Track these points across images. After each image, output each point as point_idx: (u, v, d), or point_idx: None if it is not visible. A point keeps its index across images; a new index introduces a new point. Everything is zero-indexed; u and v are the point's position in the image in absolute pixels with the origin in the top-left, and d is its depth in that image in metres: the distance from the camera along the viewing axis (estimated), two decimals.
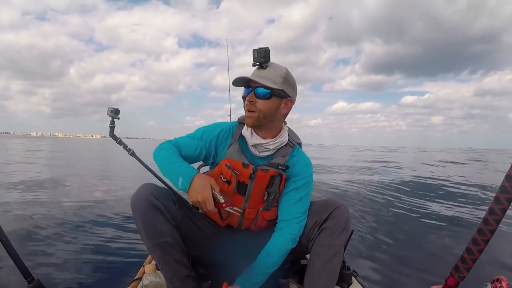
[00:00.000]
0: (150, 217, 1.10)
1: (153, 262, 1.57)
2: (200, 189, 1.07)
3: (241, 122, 1.32)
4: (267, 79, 1.15)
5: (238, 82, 1.20)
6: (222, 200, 1.09)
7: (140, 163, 1.90)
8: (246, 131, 1.26)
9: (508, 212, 0.98)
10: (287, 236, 1.22)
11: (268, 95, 1.16)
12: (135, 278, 1.43)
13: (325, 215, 1.17)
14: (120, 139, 1.75)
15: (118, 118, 1.68)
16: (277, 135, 1.27)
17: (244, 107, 1.23)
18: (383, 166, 10.35)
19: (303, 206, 1.25)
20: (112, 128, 1.72)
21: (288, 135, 1.31)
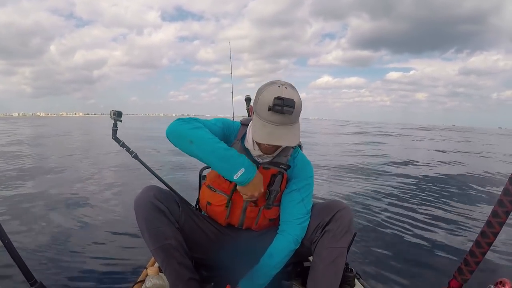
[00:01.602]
0: (153, 219, 1.10)
1: (156, 265, 1.57)
2: (260, 185, 1.11)
3: (244, 124, 1.31)
4: (293, 125, 1.08)
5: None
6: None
7: (143, 165, 1.91)
8: (247, 143, 1.24)
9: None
10: (290, 237, 1.22)
11: None
12: (138, 280, 1.43)
13: (328, 217, 1.16)
14: (123, 142, 1.76)
15: (121, 121, 1.69)
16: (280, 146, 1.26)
17: (254, 135, 1.12)
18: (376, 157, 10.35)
19: (305, 207, 1.25)
20: (114, 130, 1.73)
21: None
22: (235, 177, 1.06)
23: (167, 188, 1.27)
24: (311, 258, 1.31)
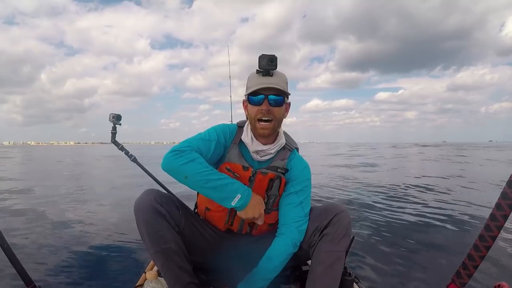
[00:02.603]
0: (154, 223, 1.10)
1: (155, 269, 1.56)
2: (259, 206, 1.13)
3: (240, 126, 1.32)
4: (279, 86, 1.17)
5: (254, 94, 1.19)
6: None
7: (142, 168, 1.91)
8: (246, 138, 1.27)
9: (511, 217, 0.98)
10: (288, 240, 1.22)
11: (282, 101, 1.20)
12: (137, 284, 1.42)
13: (326, 221, 1.16)
14: (122, 145, 1.77)
15: (120, 124, 1.69)
16: (276, 138, 1.29)
17: (250, 116, 1.22)
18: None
19: (303, 210, 1.25)
20: (113, 134, 1.73)
21: (285, 139, 1.33)
22: (232, 204, 1.08)
23: (167, 192, 1.26)
24: (309, 262, 1.31)
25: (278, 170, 1.26)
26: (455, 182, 7.02)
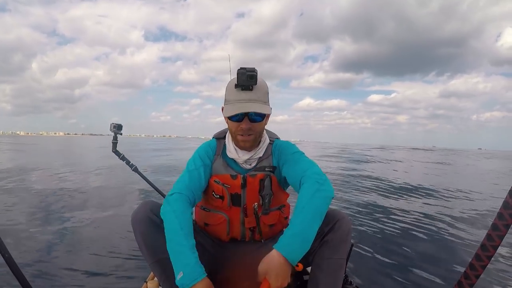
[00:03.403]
0: (150, 234, 1.11)
1: (156, 278, 1.56)
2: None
3: (218, 138, 1.34)
4: (259, 101, 1.15)
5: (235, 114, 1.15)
6: None
7: (143, 178, 1.92)
8: (231, 153, 1.27)
9: None
10: (310, 180, 1.10)
11: (263, 116, 1.19)
12: None
13: (327, 227, 1.14)
14: (123, 155, 1.77)
15: (121, 134, 1.70)
16: (260, 141, 1.29)
17: (230, 129, 1.22)
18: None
19: (305, 161, 1.21)
20: (114, 144, 1.74)
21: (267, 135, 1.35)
22: (177, 277, 0.98)
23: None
24: (308, 268, 1.29)
25: (266, 169, 1.26)
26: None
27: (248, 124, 1.16)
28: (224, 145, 1.31)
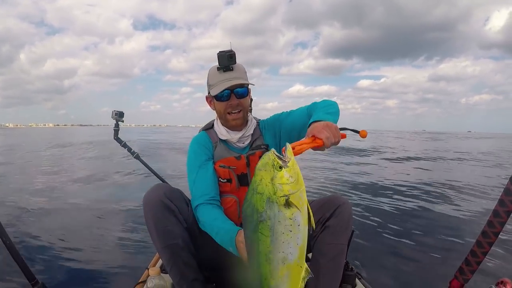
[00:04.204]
0: (163, 218, 1.10)
1: (158, 265, 1.57)
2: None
3: (207, 129, 1.38)
4: (241, 78, 1.24)
5: (221, 92, 1.22)
6: None
7: (145, 165, 1.91)
8: (222, 135, 1.31)
9: None
10: (317, 102, 1.21)
11: (247, 92, 1.27)
12: (140, 281, 1.43)
13: (329, 213, 1.14)
14: (125, 142, 1.76)
15: (123, 121, 1.69)
16: (248, 120, 1.35)
17: (219, 111, 1.28)
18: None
19: (301, 107, 1.30)
20: (116, 131, 1.73)
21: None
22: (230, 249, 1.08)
23: (177, 187, 1.27)
24: (309, 255, 1.30)
25: (262, 146, 1.31)
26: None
27: (235, 100, 1.23)
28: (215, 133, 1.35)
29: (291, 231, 0.74)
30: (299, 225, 0.75)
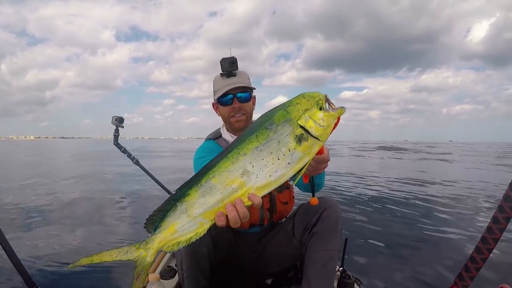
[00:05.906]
0: None
1: (157, 271, 1.56)
2: None
3: (215, 138, 1.39)
4: (243, 83, 1.27)
5: (223, 95, 1.27)
6: None
7: (145, 171, 1.91)
8: (229, 142, 1.32)
9: None
10: None
11: (249, 96, 1.31)
12: None
13: (315, 217, 1.13)
14: (124, 148, 1.76)
15: (123, 127, 1.69)
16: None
17: (224, 115, 1.32)
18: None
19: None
20: (116, 136, 1.73)
21: None
22: None
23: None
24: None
25: None
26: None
27: (237, 103, 1.28)
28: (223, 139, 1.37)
29: (278, 159, 0.71)
30: (288, 163, 0.71)
